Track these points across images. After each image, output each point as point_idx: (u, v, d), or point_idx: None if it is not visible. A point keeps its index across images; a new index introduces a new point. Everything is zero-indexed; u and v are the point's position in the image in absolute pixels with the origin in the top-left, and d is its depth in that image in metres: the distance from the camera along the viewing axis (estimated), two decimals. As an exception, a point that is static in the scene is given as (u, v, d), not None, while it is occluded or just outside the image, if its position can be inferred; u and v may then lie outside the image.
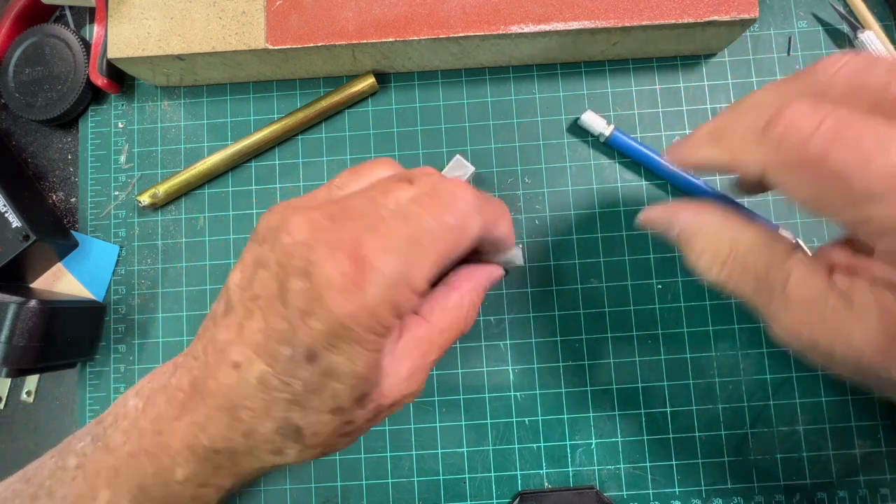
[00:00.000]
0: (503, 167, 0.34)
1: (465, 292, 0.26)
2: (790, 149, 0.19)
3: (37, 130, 0.37)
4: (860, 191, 0.17)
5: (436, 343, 0.24)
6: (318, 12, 0.31)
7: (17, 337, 0.29)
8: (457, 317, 0.25)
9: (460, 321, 0.25)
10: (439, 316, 0.25)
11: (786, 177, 0.19)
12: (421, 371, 0.24)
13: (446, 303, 0.25)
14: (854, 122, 0.18)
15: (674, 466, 0.32)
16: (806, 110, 0.19)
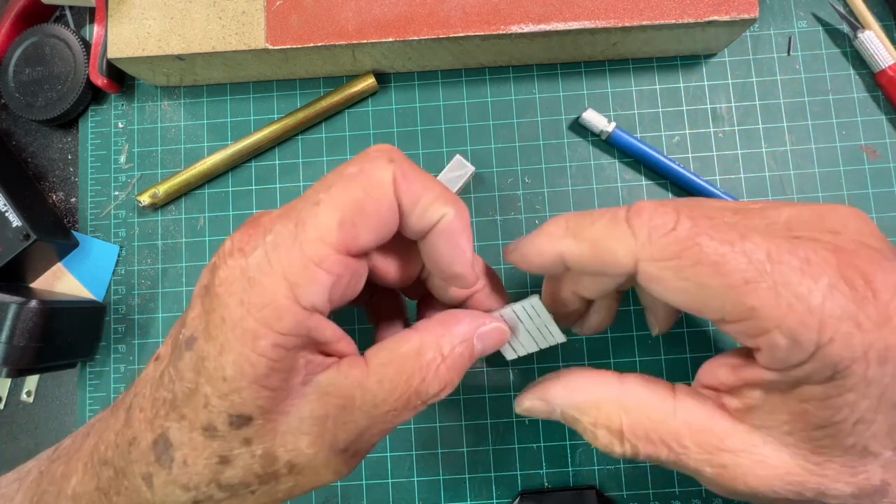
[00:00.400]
0: (503, 167, 0.34)
1: (432, 341, 0.19)
2: (661, 238, 0.17)
3: (37, 130, 0.37)
4: (739, 279, 0.16)
5: (371, 394, 0.18)
6: (318, 12, 0.31)
7: (17, 337, 0.29)
8: (410, 368, 0.19)
9: (414, 375, 0.19)
10: (385, 359, 0.19)
11: (662, 271, 0.18)
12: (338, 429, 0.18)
13: (398, 346, 0.19)
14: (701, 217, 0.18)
15: (674, 466, 0.32)
16: (657, 205, 0.18)
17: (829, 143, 0.34)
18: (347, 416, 0.18)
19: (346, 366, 0.18)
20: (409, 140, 0.35)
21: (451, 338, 0.20)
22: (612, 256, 0.18)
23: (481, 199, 0.34)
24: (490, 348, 0.21)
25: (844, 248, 0.17)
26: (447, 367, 0.19)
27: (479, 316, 0.21)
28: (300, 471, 0.18)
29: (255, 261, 0.17)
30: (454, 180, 0.33)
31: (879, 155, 0.33)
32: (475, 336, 0.20)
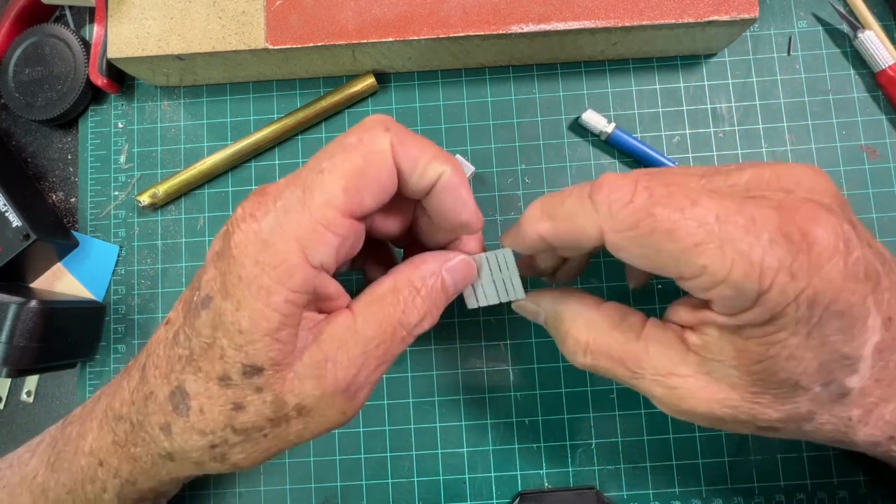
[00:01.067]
0: (503, 167, 0.34)
1: (404, 279, 0.22)
2: (619, 211, 0.19)
3: (37, 130, 0.37)
4: (690, 242, 0.18)
5: (359, 334, 0.20)
6: (318, 12, 0.31)
7: (17, 337, 0.29)
8: (389, 303, 0.21)
9: (394, 309, 0.21)
10: (366, 302, 0.21)
11: (623, 240, 0.20)
12: (337, 367, 0.20)
13: (376, 288, 0.21)
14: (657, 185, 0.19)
15: (674, 466, 0.32)
16: (616, 177, 0.20)
17: (830, 143, 0.34)
18: (343, 356, 0.20)
19: (335, 316, 0.21)
20: (409, 140, 0.35)
21: (422, 273, 0.22)
22: (582, 232, 0.21)
23: (481, 199, 0.34)
24: (460, 282, 0.23)
25: (789, 204, 0.18)
26: (422, 298, 0.22)
27: (445, 253, 0.23)
28: (308, 412, 0.20)
29: (267, 225, 0.18)
30: (454, 180, 0.33)
31: (879, 155, 0.33)
32: (443, 269, 0.23)
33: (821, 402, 0.20)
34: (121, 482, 0.23)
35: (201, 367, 0.20)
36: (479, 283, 0.25)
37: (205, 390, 0.20)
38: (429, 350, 0.33)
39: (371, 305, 0.21)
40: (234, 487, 0.33)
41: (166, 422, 0.21)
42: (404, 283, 0.22)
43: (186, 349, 0.20)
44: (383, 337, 0.21)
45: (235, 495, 0.33)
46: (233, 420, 0.20)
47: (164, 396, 0.20)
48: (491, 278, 0.25)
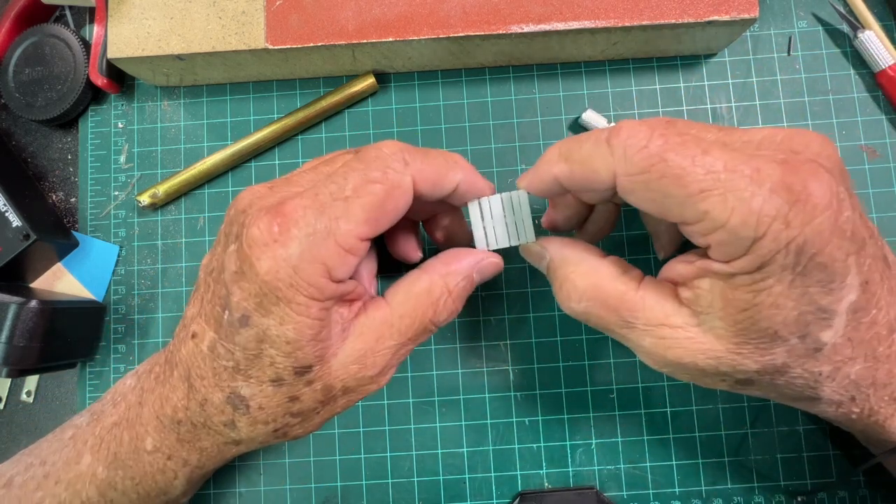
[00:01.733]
0: (503, 167, 0.34)
1: (438, 277, 0.24)
2: (634, 155, 0.20)
3: (37, 130, 0.37)
4: (696, 189, 0.19)
5: (395, 328, 0.23)
6: (318, 12, 0.31)
7: (17, 337, 0.29)
8: (424, 303, 0.24)
9: (427, 308, 0.24)
10: (401, 300, 0.24)
11: (634, 184, 0.21)
12: (376, 356, 0.23)
13: (412, 287, 0.24)
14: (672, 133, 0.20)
15: (674, 466, 0.32)
16: (635, 123, 0.21)
17: (829, 143, 0.34)
18: (380, 346, 0.23)
19: (373, 309, 0.23)
20: (409, 140, 0.35)
21: (455, 275, 0.24)
22: (595, 174, 0.21)
23: (481, 199, 0.34)
24: (487, 277, 0.26)
25: (793, 160, 0.19)
26: (453, 299, 0.24)
27: (477, 253, 0.25)
28: (352, 390, 0.23)
29: (295, 251, 0.20)
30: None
31: (879, 155, 0.33)
32: (475, 271, 0.25)
33: (796, 355, 0.21)
34: (190, 469, 0.26)
35: (251, 375, 0.22)
36: (490, 225, 0.26)
37: (259, 392, 0.22)
38: (429, 350, 0.33)
39: (407, 303, 0.24)
40: (234, 487, 0.33)
41: (230, 419, 0.23)
42: (438, 285, 0.24)
43: (230, 361, 0.22)
44: (416, 331, 0.24)
45: (235, 495, 0.33)
46: (290, 409, 0.22)
47: (220, 401, 0.23)
48: (503, 220, 0.26)
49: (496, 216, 0.26)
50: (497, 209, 0.26)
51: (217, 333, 0.22)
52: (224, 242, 0.22)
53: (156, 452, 0.25)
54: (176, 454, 0.25)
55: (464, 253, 0.25)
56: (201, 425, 0.24)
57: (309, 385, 0.22)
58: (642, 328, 0.22)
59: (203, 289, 0.23)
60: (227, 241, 0.22)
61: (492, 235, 0.26)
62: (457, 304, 0.25)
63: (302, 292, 0.20)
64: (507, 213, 0.26)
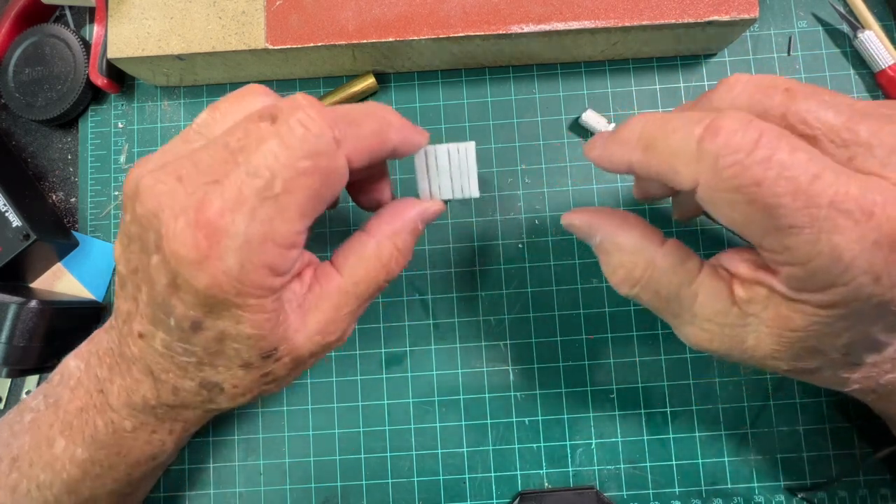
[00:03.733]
0: (503, 167, 0.34)
1: (385, 238, 0.23)
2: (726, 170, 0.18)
3: (37, 130, 0.37)
4: (785, 223, 0.17)
5: (351, 294, 0.23)
6: (318, 12, 0.31)
7: (17, 337, 0.29)
8: (375, 267, 0.23)
9: (379, 271, 0.23)
10: (352, 267, 0.23)
11: (718, 198, 0.19)
12: (337, 323, 0.23)
13: (361, 252, 0.23)
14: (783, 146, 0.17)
15: (674, 466, 0.32)
16: (738, 125, 0.18)
17: (829, 143, 0.34)
18: (340, 314, 0.23)
19: (325, 280, 0.23)
20: (409, 140, 0.35)
21: (401, 233, 0.24)
22: (675, 175, 0.19)
23: (481, 199, 0.34)
24: (430, 222, 0.25)
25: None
26: (403, 255, 0.24)
27: (417, 203, 0.25)
28: (318, 354, 0.23)
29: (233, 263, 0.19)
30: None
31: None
32: (419, 220, 0.24)
33: (832, 364, 0.20)
34: (177, 435, 0.26)
35: (218, 364, 0.22)
36: (435, 176, 0.25)
37: (231, 376, 0.22)
38: (429, 350, 0.33)
39: (359, 270, 0.23)
40: (234, 487, 0.33)
41: (207, 398, 0.23)
42: (387, 247, 0.23)
43: (192, 357, 0.21)
44: (371, 293, 0.24)
45: (235, 495, 0.33)
46: (263, 380, 0.23)
47: (193, 387, 0.23)
48: (448, 172, 0.25)
49: (441, 167, 0.25)
50: (443, 161, 0.24)
51: (168, 335, 0.21)
52: (140, 244, 0.20)
53: (138, 430, 0.25)
54: (160, 428, 0.25)
55: (404, 206, 0.24)
56: (179, 405, 0.24)
57: (278, 361, 0.22)
58: (688, 319, 0.22)
59: (132, 287, 0.21)
60: (144, 244, 0.20)
61: (436, 187, 0.25)
62: (406, 257, 0.24)
63: (251, 296, 0.19)
64: (452, 165, 0.25)
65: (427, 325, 0.33)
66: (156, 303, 0.20)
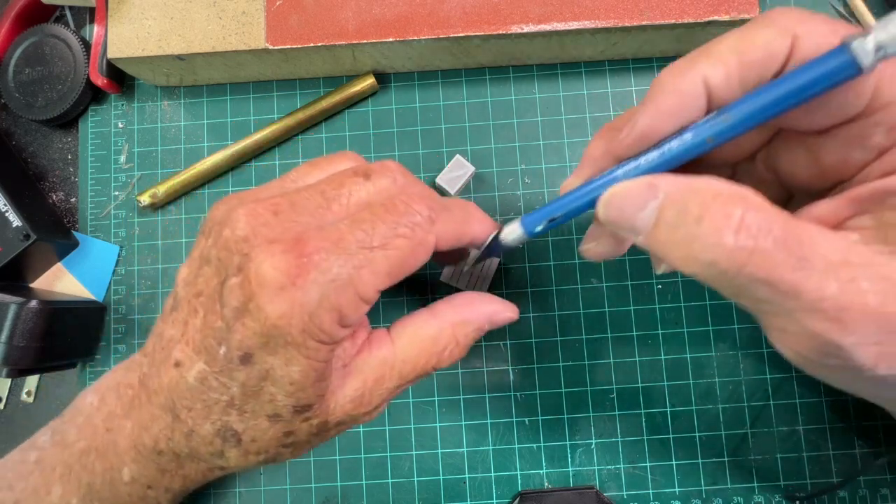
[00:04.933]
0: (503, 167, 0.34)
1: (448, 325, 0.23)
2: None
3: (37, 130, 0.37)
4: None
5: (396, 371, 0.22)
6: (318, 12, 0.31)
7: (17, 337, 0.29)
8: (428, 350, 0.22)
9: (432, 356, 0.23)
10: (406, 343, 0.22)
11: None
12: (373, 396, 0.22)
13: (420, 331, 0.23)
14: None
15: (674, 466, 0.32)
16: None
17: (829, 143, 0.34)
18: (380, 388, 0.22)
19: (376, 347, 0.22)
20: (409, 140, 0.35)
21: (466, 326, 0.23)
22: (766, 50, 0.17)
23: (481, 199, 0.34)
24: (498, 326, 0.25)
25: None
26: (460, 350, 0.23)
27: (492, 302, 0.24)
28: (345, 424, 0.23)
29: (313, 297, 0.19)
30: (454, 180, 0.33)
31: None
32: (487, 322, 0.24)
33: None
34: (173, 494, 0.25)
35: (246, 410, 0.21)
36: (460, 267, 0.30)
37: (254, 426, 0.21)
38: (429, 350, 0.33)
39: (412, 349, 0.22)
40: (234, 487, 0.33)
41: (219, 450, 0.22)
42: (447, 334, 0.23)
43: (225, 395, 0.21)
44: (416, 376, 0.23)
45: (235, 495, 0.33)
46: (284, 441, 0.22)
47: (209, 433, 0.21)
48: (471, 270, 0.31)
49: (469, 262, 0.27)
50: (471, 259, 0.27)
51: (209, 366, 0.20)
52: (217, 267, 0.20)
53: (134, 483, 0.24)
54: (157, 483, 0.24)
55: (478, 300, 0.24)
56: (186, 455, 0.22)
57: (306, 422, 0.21)
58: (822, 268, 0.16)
59: (187, 311, 0.21)
60: (222, 267, 0.20)
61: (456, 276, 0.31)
62: (462, 353, 0.23)
63: (313, 338, 0.19)
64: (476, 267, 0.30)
65: (427, 325, 0.33)
66: (212, 328, 0.20)
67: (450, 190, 0.32)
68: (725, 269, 0.16)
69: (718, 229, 0.16)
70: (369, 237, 0.20)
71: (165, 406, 0.22)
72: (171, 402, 0.22)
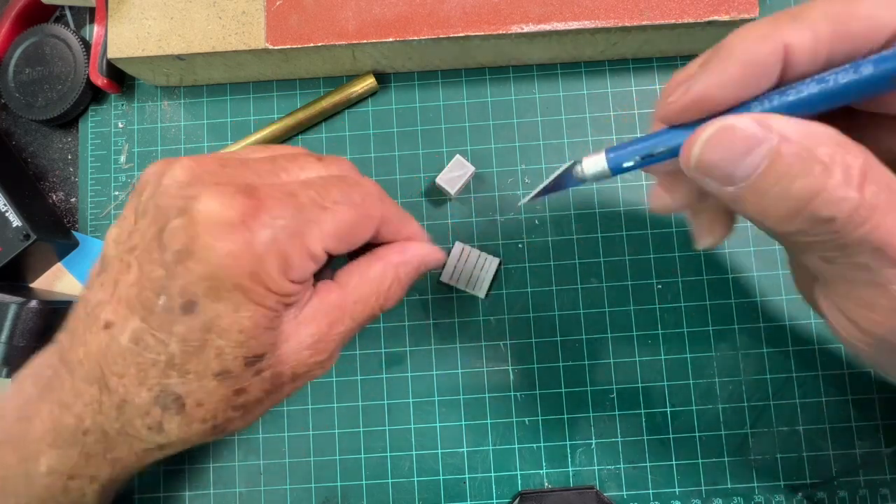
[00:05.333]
0: (503, 167, 0.34)
1: (391, 265, 0.24)
2: None
3: (37, 130, 0.37)
4: None
5: (347, 312, 0.22)
6: (318, 12, 0.31)
7: (17, 337, 0.29)
8: (376, 289, 0.23)
9: (379, 295, 0.23)
10: (356, 284, 0.23)
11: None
12: (328, 342, 0.22)
13: (366, 271, 0.23)
14: None
15: (674, 466, 0.32)
16: None
17: (829, 143, 0.34)
18: (333, 332, 0.22)
19: (324, 292, 0.22)
20: (409, 140, 0.35)
21: (407, 265, 0.24)
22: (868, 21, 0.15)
23: (481, 199, 0.34)
24: (428, 270, 0.27)
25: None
26: (401, 287, 0.24)
27: (426, 245, 0.25)
28: (300, 377, 0.22)
29: (263, 239, 0.18)
30: (454, 180, 0.33)
31: (879, 155, 0.33)
32: (424, 259, 0.25)
33: None
34: (100, 485, 0.22)
35: (189, 370, 0.19)
36: (462, 266, 0.32)
37: (199, 387, 0.19)
38: (429, 350, 0.33)
39: (361, 289, 0.23)
40: (234, 487, 0.33)
41: (156, 422, 0.20)
42: (390, 273, 0.24)
43: (162, 354, 0.19)
44: (366, 317, 0.23)
45: (235, 495, 0.33)
46: (233, 402, 0.20)
47: (145, 401, 0.20)
48: (472, 269, 0.32)
49: (468, 262, 0.32)
50: (472, 260, 0.32)
51: (146, 322, 0.19)
52: (155, 216, 0.19)
53: (52, 474, 0.21)
54: (80, 472, 0.22)
55: (413, 245, 0.25)
56: (116, 432, 0.20)
57: (258, 375, 0.20)
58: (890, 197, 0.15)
59: (117, 268, 0.20)
60: (161, 214, 0.19)
61: (457, 273, 0.32)
62: (403, 291, 0.24)
63: (261, 284, 0.19)
64: (476, 266, 0.32)
65: (427, 325, 0.33)
66: (150, 278, 0.19)
67: (450, 190, 0.32)
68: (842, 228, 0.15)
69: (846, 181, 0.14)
70: (321, 197, 0.20)
71: (91, 377, 0.20)
72: (98, 370, 0.20)
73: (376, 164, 0.35)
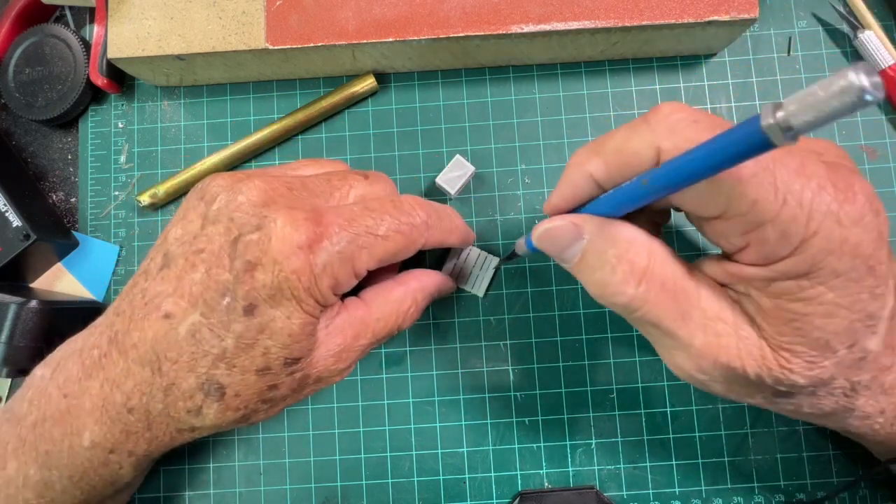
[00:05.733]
0: (503, 167, 0.34)
1: (410, 290, 0.27)
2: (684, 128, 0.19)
3: (37, 130, 0.37)
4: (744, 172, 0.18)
5: (370, 328, 0.25)
6: (318, 12, 0.31)
7: (17, 337, 0.29)
8: (396, 310, 0.27)
9: (399, 315, 0.27)
10: (379, 304, 0.26)
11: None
12: (350, 351, 0.25)
13: (389, 294, 0.27)
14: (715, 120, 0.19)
15: (674, 466, 0.32)
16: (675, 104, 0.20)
17: (829, 143, 0.34)
18: (356, 344, 0.25)
19: (352, 308, 0.25)
20: (409, 140, 0.35)
21: (424, 291, 0.28)
22: (636, 156, 0.20)
23: (481, 199, 0.34)
24: (441, 296, 0.30)
25: (830, 161, 0.19)
26: (417, 311, 0.28)
27: (441, 276, 0.30)
28: (322, 381, 0.25)
29: (321, 261, 0.22)
30: (454, 180, 0.33)
31: (879, 155, 0.33)
32: (437, 288, 0.29)
33: (843, 366, 0.20)
34: (136, 458, 0.25)
35: (236, 364, 0.22)
36: (462, 266, 0.33)
37: (241, 380, 0.22)
38: (429, 350, 0.33)
39: (383, 309, 0.26)
40: (234, 487, 0.33)
41: (196, 406, 0.22)
42: (411, 297, 0.27)
43: (216, 348, 0.21)
44: (385, 334, 0.26)
45: (235, 495, 0.33)
46: (264, 395, 0.23)
47: (192, 387, 0.22)
48: (470, 268, 0.33)
49: (468, 262, 0.33)
50: (472, 259, 0.33)
51: (205, 317, 0.21)
52: (228, 227, 0.22)
53: (95, 447, 0.23)
54: (120, 447, 0.24)
55: (431, 273, 0.29)
56: (158, 412, 0.23)
57: (291, 374, 0.23)
58: (698, 321, 0.20)
59: (182, 266, 0.22)
60: (234, 226, 0.22)
61: (456, 272, 0.33)
62: (419, 314, 0.28)
63: (312, 297, 0.22)
64: (476, 265, 0.33)
65: (427, 325, 0.33)
66: (216, 280, 0.21)
67: (450, 190, 0.32)
68: (628, 310, 0.21)
69: (626, 280, 0.20)
70: (376, 225, 0.23)
71: (144, 360, 0.22)
72: (152, 354, 0.22)
73: (376, 164, 0.35)
